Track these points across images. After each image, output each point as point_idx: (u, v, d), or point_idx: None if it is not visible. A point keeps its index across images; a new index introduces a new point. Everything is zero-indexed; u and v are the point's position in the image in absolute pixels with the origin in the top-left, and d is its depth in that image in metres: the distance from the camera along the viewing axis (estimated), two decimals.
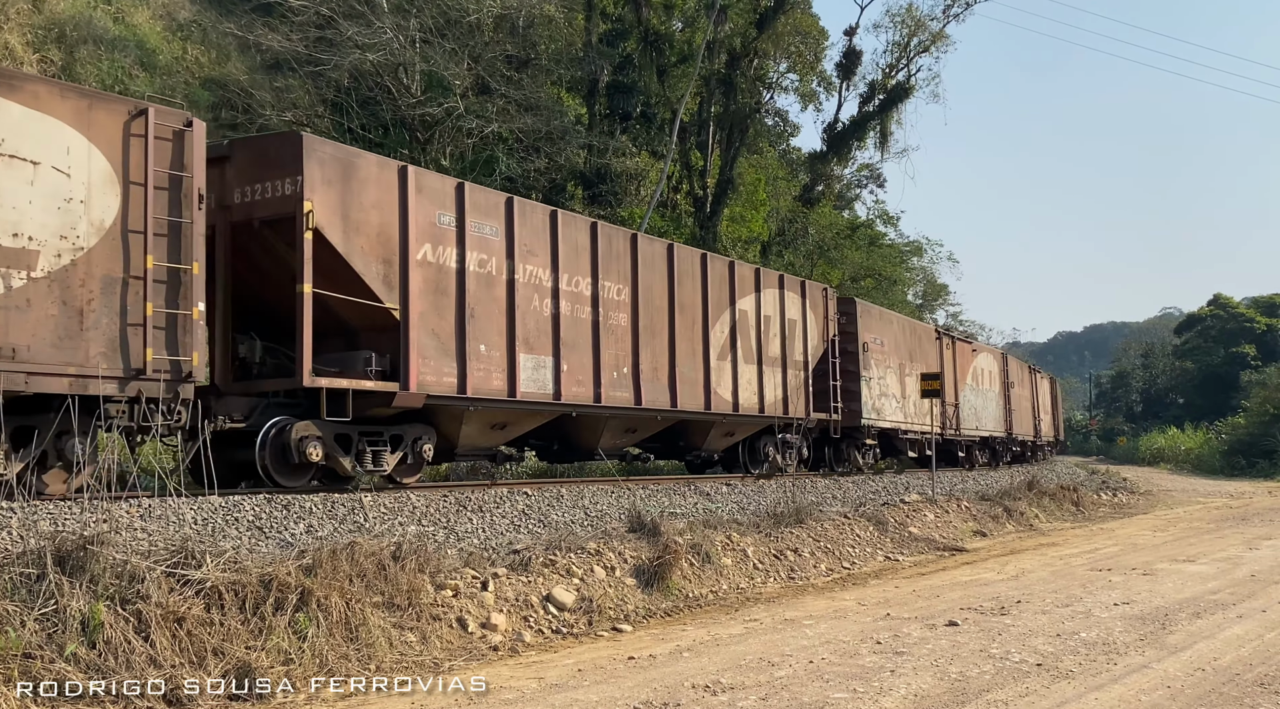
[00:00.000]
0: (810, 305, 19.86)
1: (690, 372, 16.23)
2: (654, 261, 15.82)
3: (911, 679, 6.89)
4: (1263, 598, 10.41)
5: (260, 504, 9.81)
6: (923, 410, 24.18)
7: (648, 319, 15.47)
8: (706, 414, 16.68)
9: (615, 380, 14.77)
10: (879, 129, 40.72)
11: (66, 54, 20.86)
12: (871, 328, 22.39)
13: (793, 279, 19.88)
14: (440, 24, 24.01)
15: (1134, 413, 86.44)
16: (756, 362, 17.91)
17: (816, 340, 20.06)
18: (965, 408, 27.58)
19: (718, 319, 17.06)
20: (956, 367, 27.11)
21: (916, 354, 24.67)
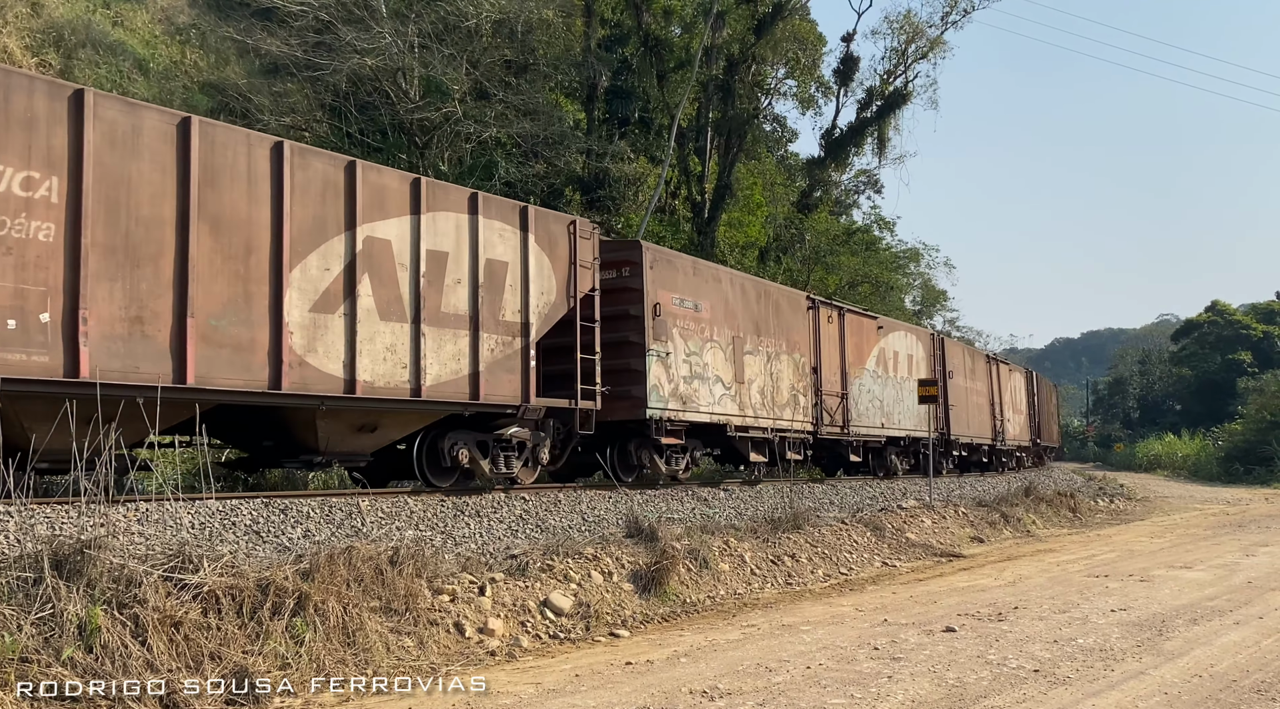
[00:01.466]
0: (539, 244, 13.39)
1: (234, 325, 10.08)
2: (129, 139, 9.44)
3: (909, 685, 6.89)
4: (1259, 604, 10.42)
5: (258, 508, 9.81)
6: (782, 402, 18.58)
7: (115, 233, 9.26)
8: (276, 396, 10.43)
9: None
10: (877, 135, 40.78)
11: (65, 58, 20.88)
12: (673, 285, 16.00)
13: (503, 203, 13.47)
14: (439, 29, 24.04)
15: (1131, 419, 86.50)
16: (411, 319, 11.74)
17: (551, 296, 13.67)
18: (862, 400, 21.55)
19: (315, 249, 10.84)
20: (846, 347, 21.18)
21: (770, 327, 18.56)
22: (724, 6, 33.01)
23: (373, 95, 24.15)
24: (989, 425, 30.80)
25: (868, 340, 22.63)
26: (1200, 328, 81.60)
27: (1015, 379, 35.82)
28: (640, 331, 15.15)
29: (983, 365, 31.04)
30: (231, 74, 23.82)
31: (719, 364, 17.00)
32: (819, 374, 19.92)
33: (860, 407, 21.53)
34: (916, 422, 23.81)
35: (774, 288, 19.68)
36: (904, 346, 24.53)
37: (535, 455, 13.77)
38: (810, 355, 19.87)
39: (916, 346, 25.30)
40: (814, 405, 19.69)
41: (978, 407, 29.61)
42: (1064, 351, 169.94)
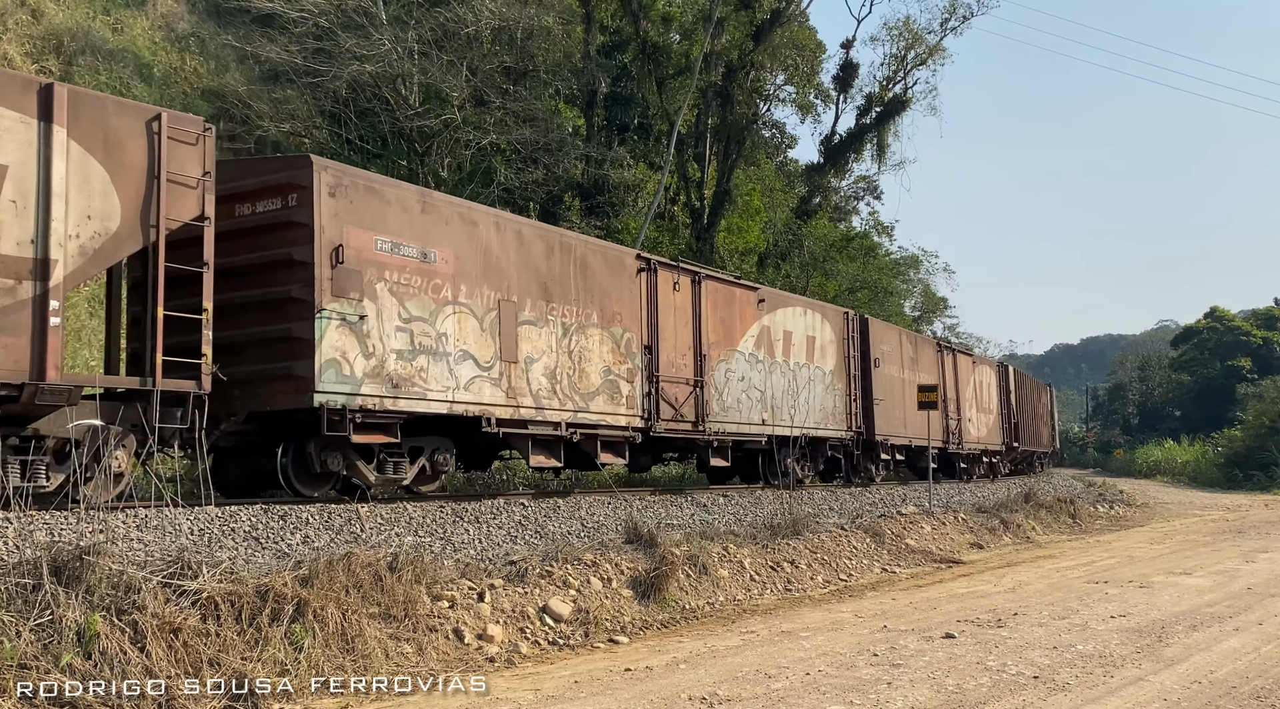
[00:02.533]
0: (83, 143, 8.95)
1: None
2: None
3: (908, 691, 6.89)
4: (1259, 611, 10.42)
5: (257, 515, 9.80)
6: (589, 388, 14.17)
7: None
8: None
9: None
10: (876, 141, 40.87)
11: (65, 64, 20.91)
12: (380, 222, 11.45)
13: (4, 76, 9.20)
14: (438, 36, 24.09)
15: (1130, 425, 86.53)
16: None
17: (110, 222, 9.14)
18: (731, 391, 17.11)
19: None
20: (706, 323, 16.56)
21: (570, 291, 14.07)
22: (723, 13, 33.08)
23: (372, 102, 24.20)
24: (941, 427, 25.66)
25: (741, 316, 17.62)
26: (1200, 334, 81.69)
27: (982, 374, 30.95)
28: (309, 285, 10.61)
29: (931, 355, 26.11)
30: (231, 81, 23.86)
31: (469, 336, 12.28)
32: (654, 355, 15.28)
33: (728, 398, 16.95)
34: (824, 417, 19.89)
35: (579, 241, 14.72)
36: (801, 326, 19.57)
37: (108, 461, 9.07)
38: (641, 331, 15.15)
39: (822, 327, 20.39)
40: (646, 395, 15.04)
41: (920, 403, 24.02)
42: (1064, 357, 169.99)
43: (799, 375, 19.34)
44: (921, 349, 25.68)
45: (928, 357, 25.82)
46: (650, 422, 15.15)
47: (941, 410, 25.48)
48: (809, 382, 19.64)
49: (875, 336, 22.51)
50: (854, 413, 21.19)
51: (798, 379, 19.27)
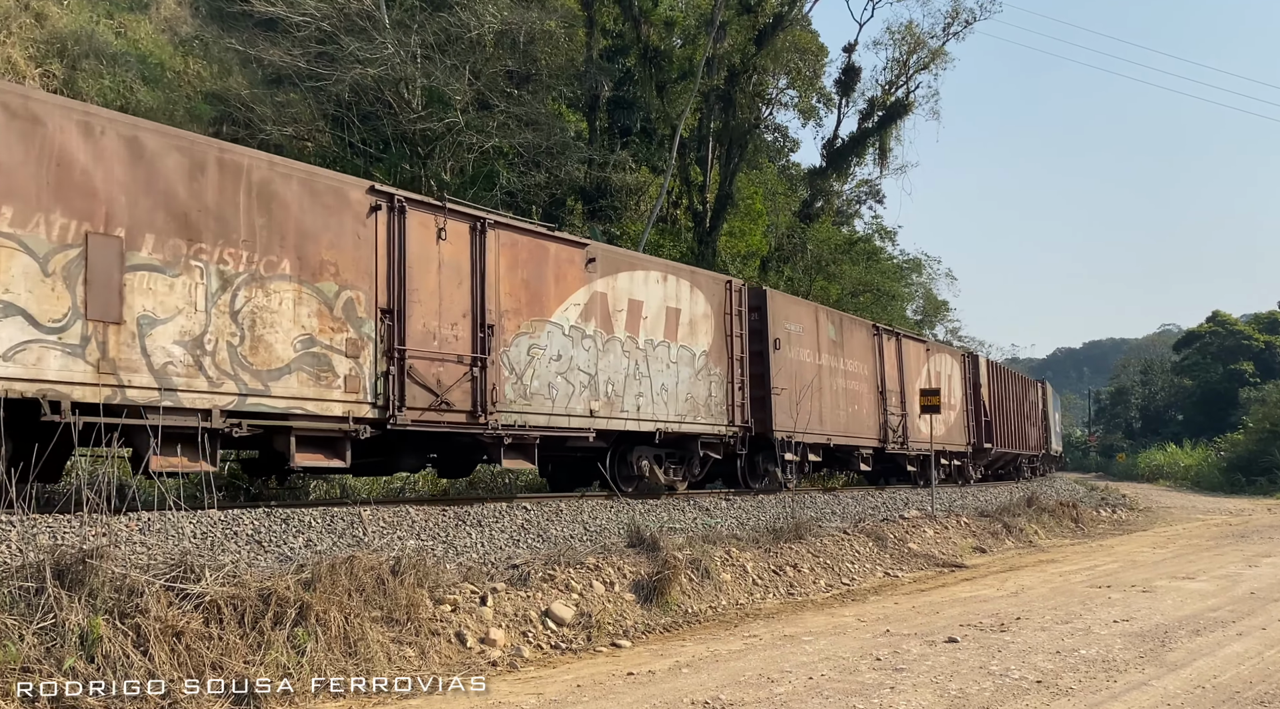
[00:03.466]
0: None
1: None
2: None
3: (911, 696, 6.88)
4: (1262, 615, 10.40)
5: (259, 518, 9.81)
6: (278, 363, 10.54)
7: None
8: None
9: None
10: (878, 145, 40.86)
11: (68, 68, 20.95)
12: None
13: None
14: (441, 40, 24.12)
15: (1133, 429, 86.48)
16: None
17: None
18: (539, 372, 13.44)
19: None
20: (491, 284, 12.82)
21: (242, 229, 10.36)
22: (725, 17, 33.11)
23: (375, 105, 24.23)
24: (872, 421, 22.01)
25: (560, 279, 13.95)
26: (1202, 338, 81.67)
27: (939, 364, 26.56)
28: None
29: (864, 339, 22.26)
30: (234, 84, 23.90)
31: (16, 282, 8.67)
32: (399, 322, 11.58)
33: (533, 382, 13.29)
34: (692, 409, 16.07)
35: (259, 160, 10.67)
36: (657, 295, 15.71)
37: None
38: (375, 290, 11.40)
39: (691, 298, 16.45)
40: (383, 375, 11.37)
41: (846, 394, 20.99)
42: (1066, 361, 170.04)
43: (653, 356, 15.43)
44: (850, 331, 21.83)
45: (859, 340, 22.08)
46: (390, 408, 11.33)
47: (877, 404, 22.34)
48: (670, 364, 15.74)
49: (777, 313, 18.51)
50: (739, 404, 17.09)
51: (650, 361, 15.35)
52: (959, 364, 28.53)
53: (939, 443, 25.62)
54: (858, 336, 22.08)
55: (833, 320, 21.09)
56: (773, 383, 17.94)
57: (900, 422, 23.45)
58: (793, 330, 19.01)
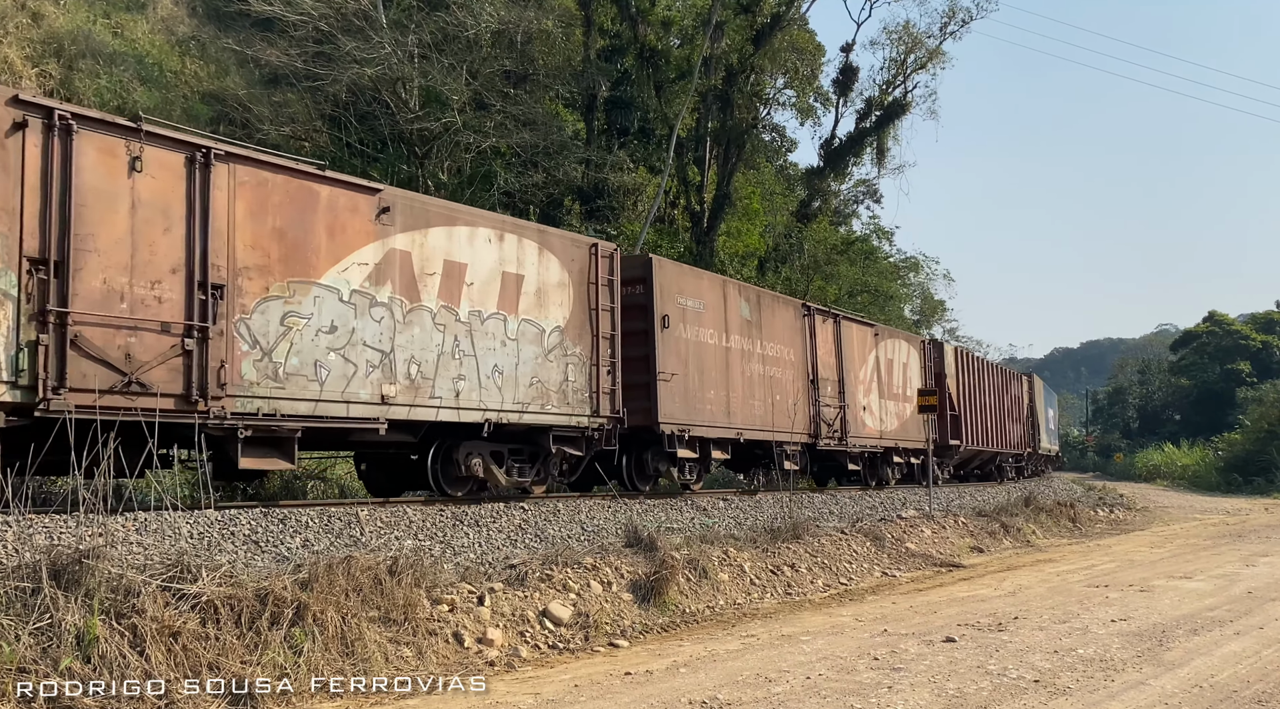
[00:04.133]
0: None
1: None
2: None
3: (909, 696, 6.88)
4: (1260, 615, 10.41)
5: (256, 518, 9.80)
6: None
7: None
8: None
9: None
10: (875, 145, 40.87)
11: (65, 68, 20.92)
12: None
13: None
14: (438, 39, 24.10)
15: (1130, 429, 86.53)
16: None
17: None
18: (297, 348, 10.66)
19: None
20: (223, 237, 10.10)
21: None
22: (723, 17, 33.12)
23: (372, 105, 24.21)
24: (799, 413, 19.06)
25: (333, 231, 11.07)
26: (1199, 338, 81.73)
27: (891, 351, 23.96)
28: None
29: (789, 319, 19.39)
30: (231, 84, 23.87)
31: None
32: (56, 275, 8.87)
33: (289, 359, 10.50)
34: (541, 395, 13.34)
35: None
36: (490, 258, 12.81)
37: None
38: (14, 231, 8.67)
39: (540, 263, 13.57)
40: (29, 345, 8.71)
41: (766, 382, 18.11)
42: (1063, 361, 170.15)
43: (481, 332, 12.60)
44: (772, 310, 18.81)
45: (783, 321, 19.12)
46: (42, 393, 8.67)
47: (807, 394, 19.42)
48: (507, 342, 12.94)
49: (667, 286, 15.72)
50: (608, 390, 14.30)
51: (477, 337, 12.52)
52: (918, 352, 25.82)
53: (891, 439, 23.15)
54: (782, 317, 19.15)
55: (747, 297, 18.07)
56: (659, 367, 15.25)
57: (838, 414, 20.52)
58: (689, 307, 16.14)
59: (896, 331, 25.92)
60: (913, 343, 25.85)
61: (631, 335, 15.10)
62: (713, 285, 17.30)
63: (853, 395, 21.30)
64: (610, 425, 14.33)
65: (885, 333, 24.17)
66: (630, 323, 15.11)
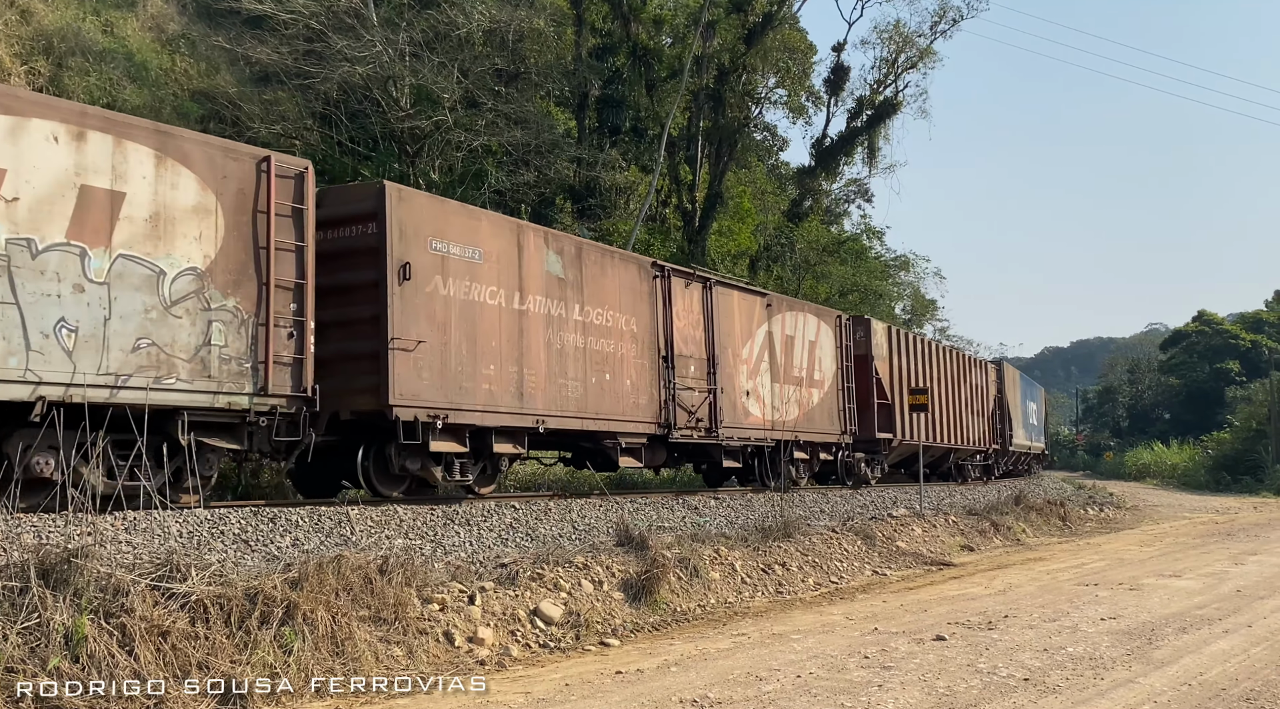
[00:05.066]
0: None
1: None
2: None
3: (899, 694, 6.89)
4: (1248, 613, 10.45)
5: (246, 517, 9.77)
6: None
7: None
8: None
9: None
10: (867, 145, 40.91)
11: (54, 66, 20.83)
12: None
13: None
14: (430, 38, 24.05)
15: (1120, 428, 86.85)
16: None
17: None
18: None
19: None
20: None
21: None
22: (714, 16, 33.11)
23: (363, 103, 24.15)
24: (642, 397, 15.53)
25: None
26: (1189, 337, 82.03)
27: (793, 326, 20.26)
28: None
29: (628, 282, 15.56)
30: (222, 82, 23.78)
31: None
32: None
33: None
34: (156, 365, 9.67)
35: None
36: (46, 163, 9.09)
37: None
38: None
39: (150, 176, 9.85)
40: None
41: (590, 358, 14.57)
42: (1054, 360, 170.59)
43: (30, 270, 8.87)
44: (601, 268, 15.04)
45: (619, 282, 15.33)
46: None
47: (655, 373, 15.71)
48: (88, 286, 9.26)
49: (412, 224, 12.14)
50: (288, 360, 10.85)
51: (21, 276, 8.82)
52: (831, 328, 21.95)
53: (788, 430, 19.42)
54: (618, 277, 15.32)
55: (559, 249, 14.32)
56: (396, 331, 11.68)
57: (705, 400, 16.80)
58: (455, 255, 12.60)
59: (800, 303, 21.92)
60: (825, 317, 22.01)
61: (356, 290, 11.74)
62: (498, 230, 13.35)
63: (730, 378, 17.65)
64: (293, 407, 10.75)
65: (783, 304, 20.47)
66: (352, 272, 11.75)
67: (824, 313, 22.24)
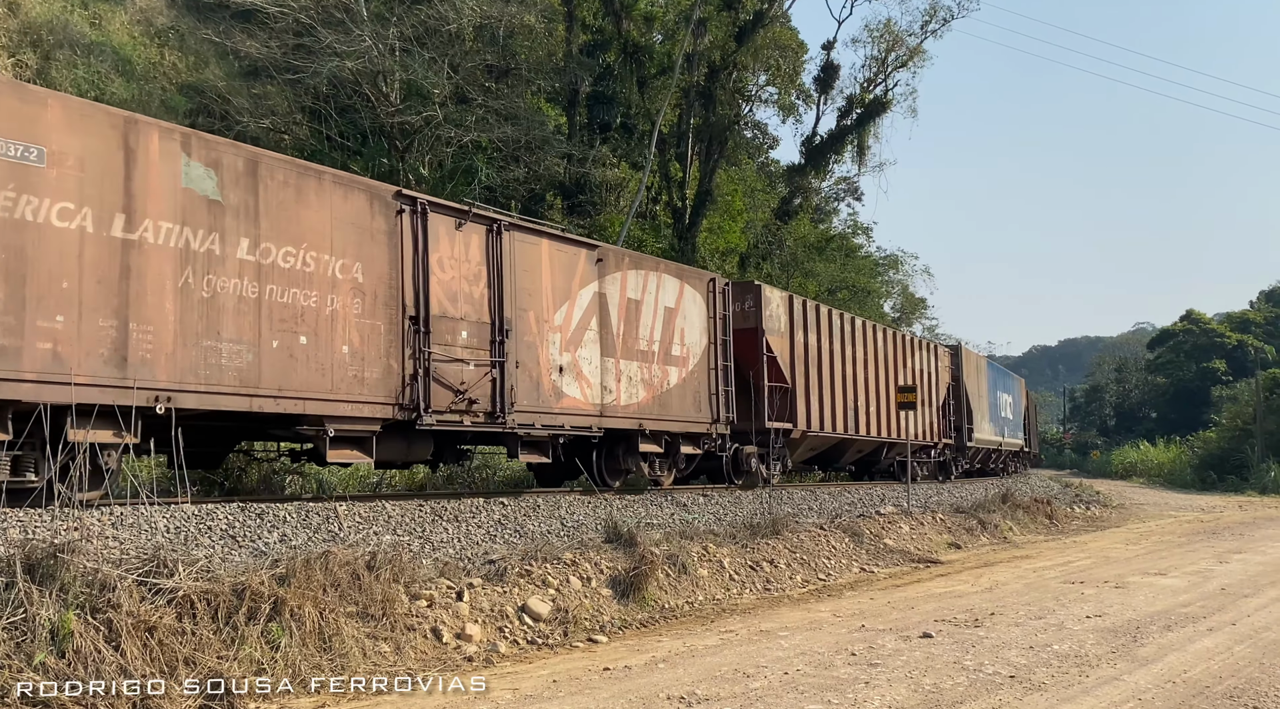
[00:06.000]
0: None
1: None
2: None
3: (886, 691, 6.91)
4: (1232, 611, 10.51)
5: (234, 513, 9.74)
6: None
7: None
8: None
9: None
10: (856, 143, 41.01)
11: (42, 59, 20.72)
12: None
13: None
14: (420, 33, 23.99)
15: (1107, 427, 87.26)
16: None
17: None
18: None
19: None
20: None
21: None
22: (705, 13, 33.12)
23: (353, 98, 24.08)
24: (371, 369, 11.58)
25: None
26: (1176, 336, 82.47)
27: (636, 285, 15.92)
28: None
29: (343, 214, 11.45)
30: (210, 76, 23.69)
31: None
32: None
33: None
34: None
35: None
36: None
37: None
38: None
39: None
40: None
41: (253, 309, 10.41)
42: (1042, 359, 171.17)
43: None
44: (296, 193, 10.96)
45: (329, 215, 11.27)
46: None
47: (395, 338, 11.86)
48: None
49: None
50: None
51: None
52: (700, 295, 17.33)
53: (630, 417, 15.40)
54: (328, 208, 11.29)
55: (211, 159, 10.22)
56: None
57: (486, 375, 12.93)
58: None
59: (654, 261, 17.03)
60: (692, 280, 17.26)
61: None
62: (84, 122, 9.28)
63: (532, 349, 13.77)
64: None
65: (624, 260, 15.79)
66: None
67: (690, 274, 17.46)
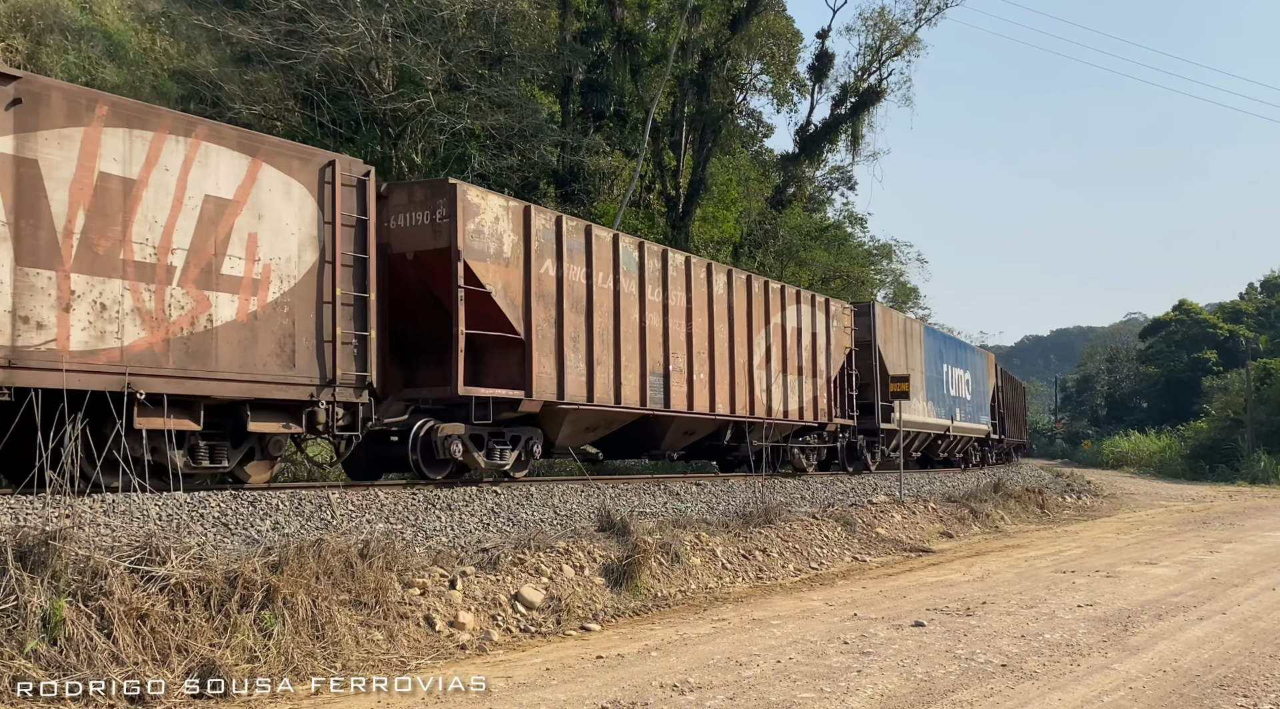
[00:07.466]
0: None
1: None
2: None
3: (878, 679, 6.93)
4: (1222, 600, 10.56)
5: (226, 500, 9.72)
6: None
7: None
8: None
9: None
10: (851, 132, 40.92)
11: (32, 43, 20.57)
12: None
13: None
14: (413, 19, 23.88)
15: (1099, 416, 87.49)
16: None
17: None
18: None
19: None
20: None
21: None
22: (700, 1, 33.00)
23: (345, 85, 23.96)
24: None
25: None
26: (1167, 326, 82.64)
27: (119, 151, 8.93)
28: None
29: None
30: (202, 62, 23.55)
31: None
32: None
33: None
34: None
35: None
36: None
37: None
38: None
39: None
40: None
41: None
42: (1033, 349, 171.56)
43: None
44: None
45: None
46: None
47: None
48: None
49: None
50: None
51: None
52: (296, 183, 10.58)
53: (112, 369, 8.91)
54: None
55: None
56: None
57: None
58: None
59: (172, 116, 9.70)
60: (275, 157, 10.45)
61: None
62: None
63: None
64: None
65: (95, 108, 8.88)
66: None
67: (271, 149, 10.54)
